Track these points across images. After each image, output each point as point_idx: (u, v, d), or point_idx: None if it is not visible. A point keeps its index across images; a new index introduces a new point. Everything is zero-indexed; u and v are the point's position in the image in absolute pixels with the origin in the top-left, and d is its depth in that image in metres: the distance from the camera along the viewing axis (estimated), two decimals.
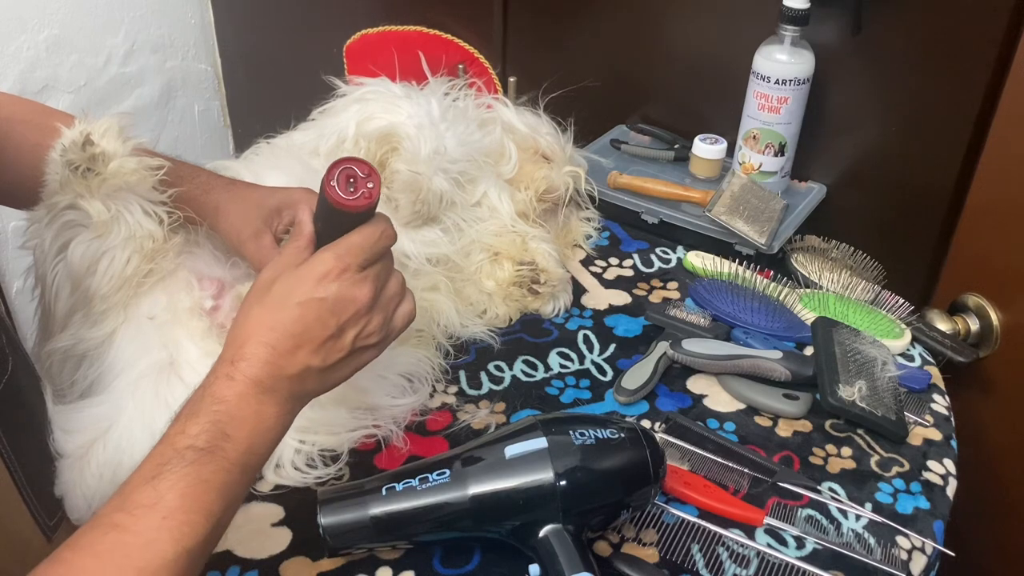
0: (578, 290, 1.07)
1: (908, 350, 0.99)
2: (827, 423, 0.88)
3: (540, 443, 0.67)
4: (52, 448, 0.73)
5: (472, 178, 1.02)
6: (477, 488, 0.67)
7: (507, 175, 1.07)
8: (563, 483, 0.66)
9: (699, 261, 1.10)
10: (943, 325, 1.07)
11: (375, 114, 1.00)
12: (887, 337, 0.97)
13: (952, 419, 0.90)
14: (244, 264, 0.84)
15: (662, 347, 0.94)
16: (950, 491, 0.81)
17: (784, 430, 0.87)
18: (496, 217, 1.03)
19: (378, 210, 0.65)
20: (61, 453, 0.73)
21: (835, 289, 1.05)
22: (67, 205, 0.75)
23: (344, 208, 0.62)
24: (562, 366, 0.95)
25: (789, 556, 0.73)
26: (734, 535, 0.75)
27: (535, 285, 1.00)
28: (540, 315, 1.03)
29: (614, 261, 1.13)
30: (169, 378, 0.78)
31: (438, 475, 0.68)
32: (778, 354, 0.90)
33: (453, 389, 0.91)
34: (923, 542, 0.75)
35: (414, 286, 0.94)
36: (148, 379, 0.78)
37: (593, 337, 0.99)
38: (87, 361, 0.79)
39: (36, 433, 0.71)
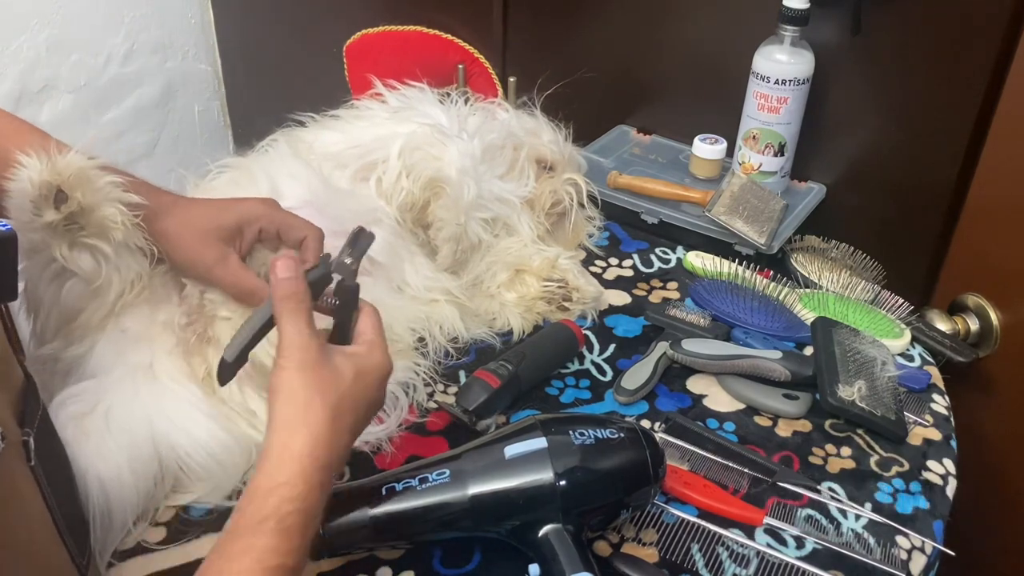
0: None
1: (908, 350, 0.99)
2: (827, 423, 0.88)
3: (540, 443, 0.67)
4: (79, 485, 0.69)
5: (498, 218, 1.03)
6: (477, 488, 0.67)
7: (524, 197, 1.06)
8: (563, 483, 0.66)
9: (699, 261, 1.10)
10: (943, 325, 1.07)
11: (420, 145, 0.97)
12: (887, 337, 0.97)
13: (952, 419, 0.90)
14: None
15: (662, 347, 0.94)
16: (950, 491, 0.81)
17: (784, 430, 0.87)
18: (514, 235, 1.04)
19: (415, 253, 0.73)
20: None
21: (835, 289, 1.05)
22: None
23: None
24: (562, 366, 0.95)
25: (789, 556, 0.73)
26: (734, 535, 0.75)
27: (565, 303, 1.00)
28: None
29: (614, 261, 1.13)
30: (147, 378, 0.78)
31: (438, 475, 0.68)
32: (778, 354, 0.90)
33: (453, 389, 0.90)
34: (923, 542, 0.75)
35: (413, 300, 0.94)
36: (128, 378, 0.77)
37: (593, 337, 0.99)
38: (71, 374, 0.79)
39: (65, 464, 0.67)
